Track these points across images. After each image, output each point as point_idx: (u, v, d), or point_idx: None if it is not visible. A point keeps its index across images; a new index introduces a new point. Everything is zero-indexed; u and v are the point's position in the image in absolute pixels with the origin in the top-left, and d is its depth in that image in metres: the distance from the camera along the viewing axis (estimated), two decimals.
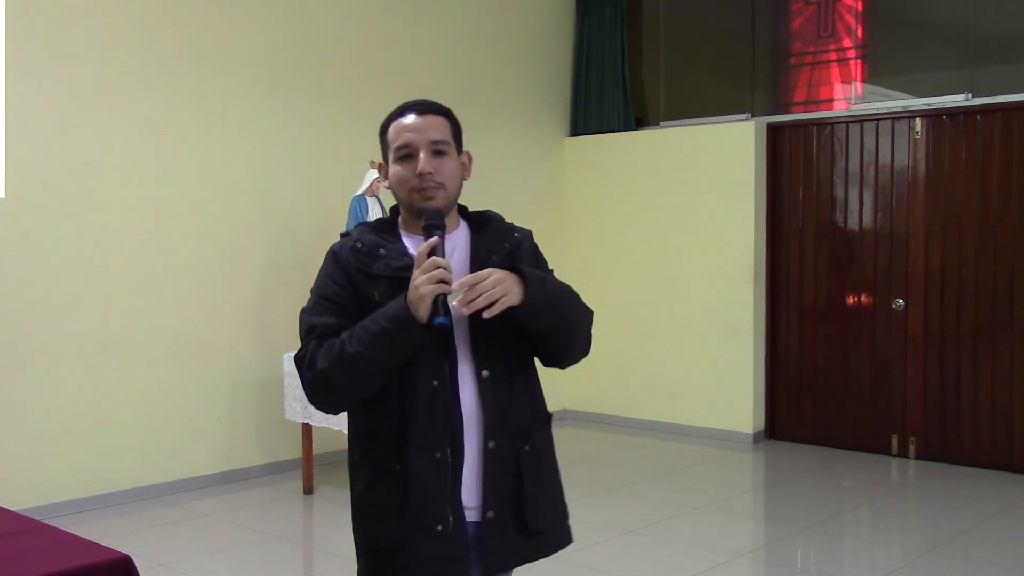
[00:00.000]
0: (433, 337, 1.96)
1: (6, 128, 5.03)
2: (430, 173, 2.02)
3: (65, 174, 5.25)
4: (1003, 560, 4.54)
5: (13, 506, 4.33)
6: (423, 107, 2.08)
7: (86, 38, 5.31)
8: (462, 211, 2.20)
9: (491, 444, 2.04)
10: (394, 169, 2.07)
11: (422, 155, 2.03)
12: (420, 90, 7.28)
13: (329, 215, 6.19)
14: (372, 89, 6.54)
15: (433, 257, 1.92)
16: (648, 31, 7.89)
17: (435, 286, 1.89)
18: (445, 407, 2.00)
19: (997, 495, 5.63)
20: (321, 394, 2.02)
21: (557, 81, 7.91)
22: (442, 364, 2.01)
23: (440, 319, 1.92)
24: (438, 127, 2.07)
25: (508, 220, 2.26)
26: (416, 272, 1.92)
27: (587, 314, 2.17)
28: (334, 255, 2.10)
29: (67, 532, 2.38)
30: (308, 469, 5.66)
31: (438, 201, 2.04)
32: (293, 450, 6.11)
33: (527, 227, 2.26)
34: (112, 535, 4.67)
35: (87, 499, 5.33)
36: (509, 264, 2.01)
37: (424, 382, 2.00)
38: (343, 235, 2.18)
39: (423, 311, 1.90)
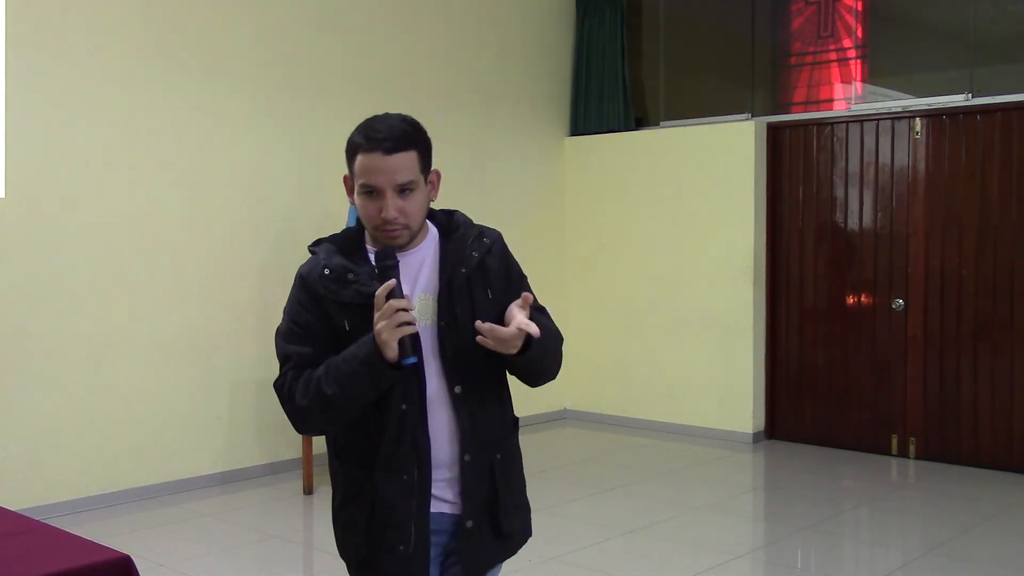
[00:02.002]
0: (406, 372, 1.98)
1: (6, 128, 5.03)
2: (396, 218, 2.00)
3: (65, 174, 5.25)
4: (1003, 560, 4.54)
5: (13, 506, 4.33)
6: (391, 144, 1.98)
7: (86, 39, 5.31)
8: (429, 213, 2.17)
9: (467, 457, 2.08)
10: (359, 200, 2.03)
11: (388, 200, 1.99)
12: (420, 90, 7.30)
13: (328, 215, 6.19)
14: (372, 89, 6.54)
15: (391, 301, 1.90)
16: (648, 31, 7.89)
17: (397, 330, 1.89)
18: (413, 430, 2.04)
19: (997, 495, 5.63)
20: (302, 426, 2.10)
21: (557, 81, 7.91)
22: (412, 387, 2.04)
23: (409, 359, 1.93)
24: (405, 167, 1.99)
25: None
26: (376, 316, 1.91)
27: (560, 353, 2.22)
28: (303, 280, 2.09)
29: (67, 532, 2.38)
30: (308, 469, 5.66)
31: (402, 239, 2.05)
32: (293, 450, 6.12)
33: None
34: (112, 535, 4.67)
35: (87, 499, 5.33)
36: (531, 316, 2.00)
37: (394, 405, 2.03)
38: (311, 249, 2.16)
39: (391, 353, 1.91)
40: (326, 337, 2.04)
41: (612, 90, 7.70)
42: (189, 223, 5.74)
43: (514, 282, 2.16)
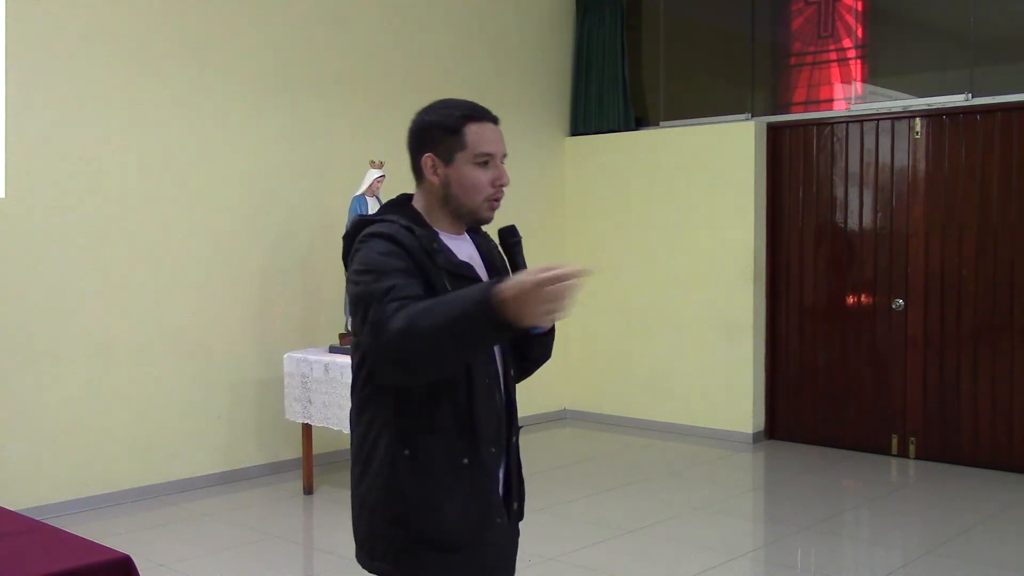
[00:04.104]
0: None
1: (6, 128, 5.03)
2: (507, 183, 2.08)
3: (65, 174, 5.25)
4: (1003, 560, 4.54)
5: (13, 506, 4.34)
6: (495, 118, 2.10)
7: (87, 38, 5.31)
8: None
9: (514, 439, 2.14)
10: (467, 170, 2.04)
11: (502, 167, 2.07)
12: (420, 90, 7.30)
13: (329, 215, 6.20)
14: (372, 89, 6.55)
15: (559, 286, 1.75)
16: (648, 31, 7.89)
17: (548, 310, 1.74)
18: (497, 404, 2.07)
19: (997, 495, 5.63)
20: (423, 353, 1.80)
21: (557, 81, 7.91)
22: (488, 363, 2.06)
23: (536, 329, 1.94)
24: (504, 140, 2.11)
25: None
26: (538, 289, 1.72)
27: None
28: (392, 239, 1.95)
29: (67, 532, 2.38)
30: (308, 469, 5.66)
31: (494, 213, 2.11)
32: (293, 450, 6.11)
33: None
34: (112, 535, 4.67)
35: (87, 499, 5.33)
36: None
37: (480, 380, 2.03)
38: (367, 220, 2.06)
39: (526, 322, 1.74)
40: (421, 287, 1.93)
41: (612, 90, 7.70)
42: (189, 223, 5.74)
43: None
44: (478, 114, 2.06)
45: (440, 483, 2.00)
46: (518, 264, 2.08)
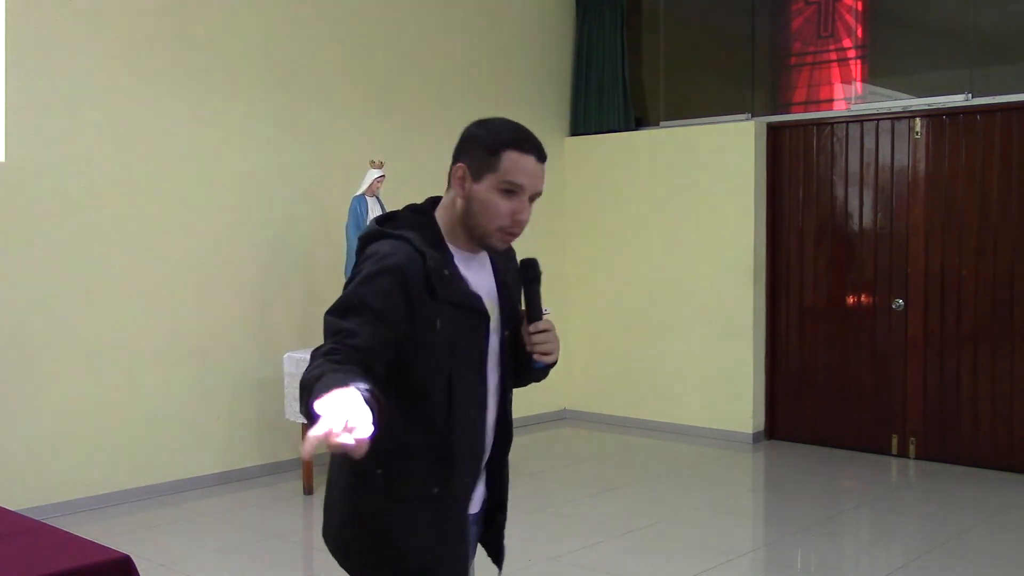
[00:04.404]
0: (472, 380, 1.98)
1: (6, 129, 5.03)
2: (526, 223, 2.00)
3: (64, 175, 5.25)
4: (1003, 560, 4.54)
5: (13, 506, 4.33)
6: (542, 154, 2.01)
7: (87, 39, 5.31)
8: None
9: (507, 458, 2.14)
10: (490, 195, 1.96)
11: (527, 204, 1.98)
12: (419, 90, 7.26)
13: (329, 215, 6.20)
14: (372, 89, 6.54)
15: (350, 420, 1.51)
16: (648, 31, 7.89)
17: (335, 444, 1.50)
18: (479, 436, 2.03)
19: (997, 495, 5.63)
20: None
21: (557, 81, 7.91)
22: (479, 393, 2.02)
23: (540, 363, 2.02)
24: (544, 178, 2.02)
25: None
26: (334, 424, 1.49)
27: None
28: (394, 270, 1.89)
29: (67, 532, 2.38)
30: (308, 469, 5.66)
31: (507, 245, 2.04)
32: (293, 450, 6.11)
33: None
34: (112, 535, 4.67)
35: (87, 499, 5.33)
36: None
37: (464, 409, 1.98)
38: (384, 231, 1.99)
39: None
40: (400, 329, 1.88)
41: (612, 90, 7.70)
42: (189, 224, 5.74)
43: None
44: (525, 145, 1.98)
45: (404, 513, 1.97)
46: (531, 298, 2.04)
